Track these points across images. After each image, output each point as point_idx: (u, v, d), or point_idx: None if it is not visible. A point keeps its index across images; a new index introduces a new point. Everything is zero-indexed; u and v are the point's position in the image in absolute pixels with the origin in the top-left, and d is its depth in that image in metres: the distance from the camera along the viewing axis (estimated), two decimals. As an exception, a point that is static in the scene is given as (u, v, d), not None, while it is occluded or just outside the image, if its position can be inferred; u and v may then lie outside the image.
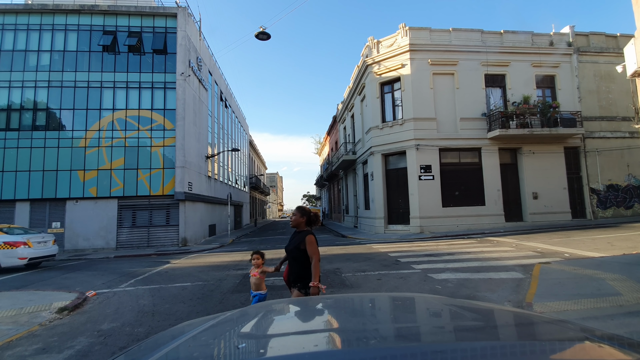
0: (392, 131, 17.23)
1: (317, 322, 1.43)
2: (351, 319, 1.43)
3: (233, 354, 1.03)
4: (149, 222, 15.10)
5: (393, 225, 17.08)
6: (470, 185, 16.60)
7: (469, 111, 16.78)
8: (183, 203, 15.12)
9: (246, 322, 1.43)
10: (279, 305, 1.89)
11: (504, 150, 17.00)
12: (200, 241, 17.41)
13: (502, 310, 1.53)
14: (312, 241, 3.01)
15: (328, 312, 1.59)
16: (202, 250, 13.65)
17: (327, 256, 9.93)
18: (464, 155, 16.88)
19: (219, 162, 22.30)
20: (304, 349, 0.99)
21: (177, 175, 14.89)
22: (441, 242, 12.10)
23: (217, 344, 1.17)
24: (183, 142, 15.07)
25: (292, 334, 1.26)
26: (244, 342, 1.16)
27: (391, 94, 17.82)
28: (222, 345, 1.15)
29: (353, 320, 1.38)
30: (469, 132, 16.65)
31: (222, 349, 1.11)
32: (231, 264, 9.25)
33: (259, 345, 1.11)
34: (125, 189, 14.99)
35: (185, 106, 15.35)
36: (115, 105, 15.50)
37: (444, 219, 15.94)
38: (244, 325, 1.39)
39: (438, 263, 7.88)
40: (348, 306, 1.67)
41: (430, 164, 16.27)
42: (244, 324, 1.40)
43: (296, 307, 1.71)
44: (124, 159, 15.18)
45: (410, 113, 16.55)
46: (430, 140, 16.35)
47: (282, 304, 1.99)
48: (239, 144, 31.37)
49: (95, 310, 5.25)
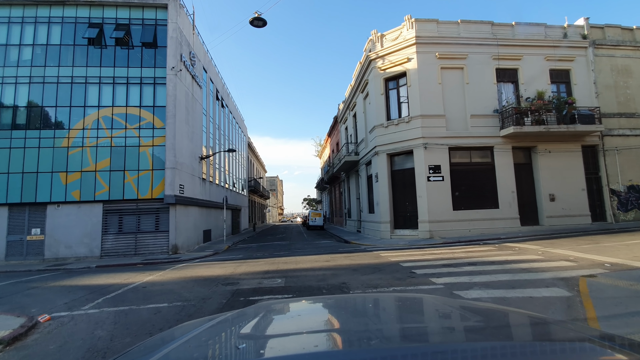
0: (397, 129, 16.15)
1: (317, 323, 1.42)
2: (351, 319, 1.42)
3: (233, 354, 1.02)
4: (136, 228, 13.95)
5: (400, 230, 15.94)
6: (483, 186, 15.50)
7: (480, 108, 15.72)
8: (173, 207, 13.98)
9: (246, 322, 1.41)
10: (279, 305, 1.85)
11: (517, 150, 15.91)
12: (194, 248, 16.26)
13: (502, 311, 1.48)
14: None
15: (328, 313, 1.59)
16: (193, 259, 12.51)
17: (331, 267, 8.80)
18: (476, 155, 15.79)
19: (214, 164, 21.19)
20: (304, 349, 0.98)
21: (167, 177, 13.76)
22: (455, 248, 10.96)
23: (217, 344, 1.16)
24: (174, 142, 13.96)
25: (292, 335, 1.25)
26: (244, 343, 1.15)
27: (396, 90, 16.76)
28: (222, 345, 1.14)
29: (353, 321, 1.38)
30: (480, 129, 15.58)
31: (222, 349, 1.10)
32: (221, 278, 8.10)
33: (259, 345, 1.10)
34: (111, 192, 13.87)
35: (176, 103, 14.26)
36: (101, 102, 14.41)
37: (455, 223, 14.82)
38: (244, 326, 1.37)
39: (461, 276, 6.74)
40: (348, 306, 1.67)
41: (439, 164, 15.17)
42: (244, 324, 1.38)
43: (296, 307, 1.76)
44: (109, 160, 14.06)
45: (417, 110, 15.48)
46: (439, 138, 15.26)
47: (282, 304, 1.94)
48: (237, 146, 30.29)
49: (39, 344, 4.12)
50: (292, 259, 10.94)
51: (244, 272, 8.80)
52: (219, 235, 21.14)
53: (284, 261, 10.37)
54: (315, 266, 9.09)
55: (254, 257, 12.16)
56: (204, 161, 18.77)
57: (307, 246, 15.22)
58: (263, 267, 9.39)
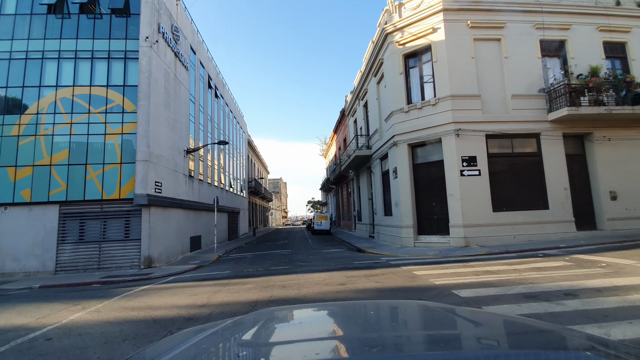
0: (421, 114, 13.36)
1: (319, 330, 1.39)
2: (354, 326, 1.40)
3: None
4: (101, 235, 11.26)
5: (425, 236, 13.10)
6: (528, 182, 12.66)
7: (522, 86, 12.92)
8: (147, 209, 11.28)
9: (246, 329, 1.39)
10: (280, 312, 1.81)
11: (568, 138, 13.06)
12: (176, 258, 13.53)
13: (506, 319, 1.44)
14: None
15: (331, 320, 1.56)
16: (166, 276, 9.78)
17: (350, 292, 6.01)
18: (518, 144, 12.94)
19: (205, 159, 18.51)
20: (305, 357, 0.97)
21: (137, 172, 11.08)
22: (512, 262, 8.10)
23: (217, 352, 1.14)
24: (147, 128, 11.28)
25: (293, 342, 1.22)
26: (244, 350, 1.12)
27: (418, 68, 13.99)
28: (222, 353, 1.12)
29: (356, 328, 1.37)
30: (523, 113, 12.76)
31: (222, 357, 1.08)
32: (181, 318, 5.32)
33: (260, 353, 1.08)
34: (70, 191, 11.22)
35: (151, 81, 11.61)
36: (59, 81, 11.82)
37: (496, 228, 11.97)
38: (245, 333, 1.34)
39: (574, 324, 3.90)
40: (351, 313, 1.62)
41: (474, 155, 12.35)
42: (245, 332, 1.36)
43: (298, 315, 1.70)
44: (68, 152, 11.42)
45: (445, 89, 12.71)
46: (473, 123, 12.45)
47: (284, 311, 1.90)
48: (235, 142, 27.63)
49: None
50: (293, 278, 8.17)
51: (222, 302, 6.04)
52: (211, 242, 18.41)
53: (281, 282, 7.60)
54: (327, 292, 6.32)
55: (244, 273, 9.41)
56: (192, 156, 16.10)
57: (312, 257, 12.43)
58: (251, 294, 6.63)
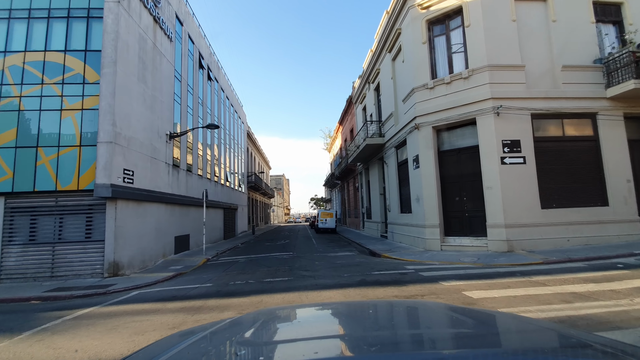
0: (449, 90, 11.05)
1: (318, 329, 1.38)
2: (354, 325, 1.40)
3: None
4: (56, 235, 9.11)
5: (454, 238, 10.83)
6: (582, 173, 10.36)
7: (574, 56, 10.58)
8: (112, 203, 9.10)
9: (245, 328, 1.37)
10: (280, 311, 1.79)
11: (631, 120, 10.73)
12: (155, 262, 11.37)
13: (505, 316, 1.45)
14: None
15: (331, 319, 1.56)
16: (131, 289, 7.61)
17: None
18: (570, 126, 10.61)
19: (195, 148, 16.29)
20: (304, 356, 0.97)
21: (99, 157, 8.89)
22: (592, 278, 5.83)
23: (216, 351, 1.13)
24: (112, 102, 9.08)
25: (291, 341, 1.22)
26: (243, 349, 1.11)
27: (445, 36, 11.66)
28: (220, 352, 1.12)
29: (355, 327, 1.36)
30: (575, 88, 10.43)
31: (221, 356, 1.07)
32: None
33: (259, 352, 1.07)
34: (17, 180, 9.07)
35: (118, 45, 9.39)
36: (8, 45, 9.63)
37: (545, 229, 9.69)
38: (244, 332, 1.32)
39: None
40: (350, 313, 1.62)
41: (518, 139, 10.05)
42: (243, 331, 1.34)
43: (297, 314, 1.71)
44: (16, 131, 9.24)
45: (481, 59, 10.40)
46: (516, 100, 10.14)
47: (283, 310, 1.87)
48: (233, 133, 25.41)
49: None
50: (293, 299, 5.97)
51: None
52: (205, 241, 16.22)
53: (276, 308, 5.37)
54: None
55: (228, 288, 7.20)
56: (178, 142, 13.89)
57: (318, 263, 10.20)
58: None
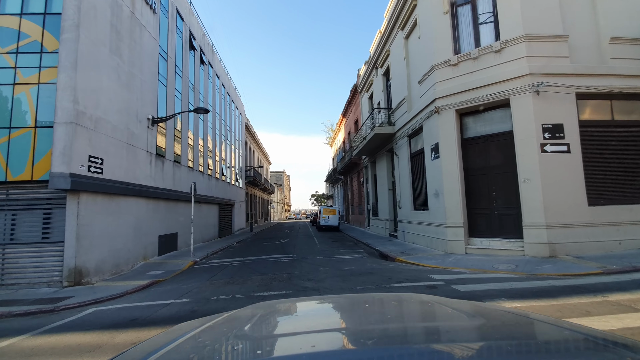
0: (477, 66, 9.44)
1: (316, 323, 1.39)
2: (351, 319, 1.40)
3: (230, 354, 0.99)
4: (6, 235, 7.56)
5: (482, 239, 9.27)
6: (634, 164, 8.75)
7: (625, 26, 8.96)
8: (74, 197, 7.55)
9: (243, 322, 1.37)
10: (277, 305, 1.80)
11: (690, 100, 9.07)
12: (133, 266, 9.86)
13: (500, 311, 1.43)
14: None
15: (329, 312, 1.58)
16: (88, 304, 6.10)
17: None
18: (620, 108, 9.00)
19: (185, 137, 14.71)
20: (301, 349, 0.97)
21: (56, 140, 7.30)
22: None
23: (213, 344, 1.12)
24: (73, 75, 7.49)
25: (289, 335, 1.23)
26: (241, 343, 1.12)
27: (471, 4, 10.03)
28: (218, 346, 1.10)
29: (353, 321, 1.37)
30: (627, 64, 8.83)
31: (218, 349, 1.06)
32: None
33: (257, 345, 1.07)
34: (-39, 169, 7.53)
35: (83, 5, 7.77)
36: (-49, 8, 8.06)
37: (593, 230, 8.12)
38: (242, 326, 1.32)
39: None
40: (347, 306, 1.63)
41: (561, 123, 8.45)
42: (242, 325, 1.34)
43: (295, 307, 1.72)
44: (-41, 111, 7.70)
45: (517, 28, 8.77)
46: (559, 76, 8.52)
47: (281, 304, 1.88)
48: (229, 124, 23.82)
49: None
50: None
51: None
52: (197, 240, 14.73)
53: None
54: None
55: (207, 307, 5.62)
56: (163, 129, 12.31)
57: (322, 269, 8.63)
58: None
